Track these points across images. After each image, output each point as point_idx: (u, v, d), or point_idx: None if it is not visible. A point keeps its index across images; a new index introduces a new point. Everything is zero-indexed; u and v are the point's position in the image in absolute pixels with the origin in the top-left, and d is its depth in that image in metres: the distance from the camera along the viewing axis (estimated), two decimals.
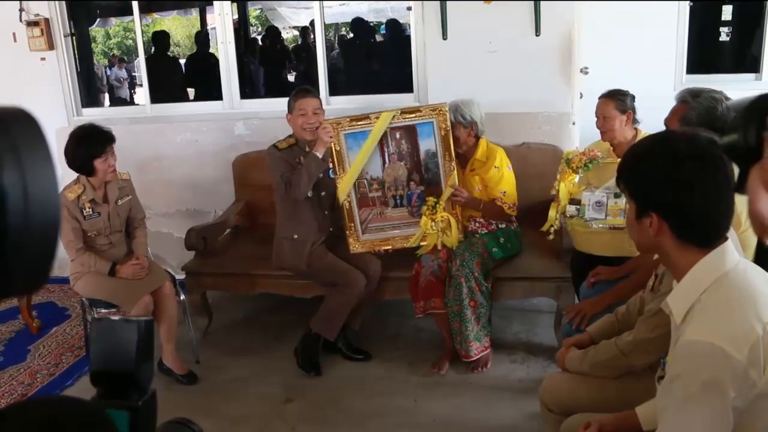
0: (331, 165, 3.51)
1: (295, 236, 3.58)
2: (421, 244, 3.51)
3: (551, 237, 3.31)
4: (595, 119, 3.34)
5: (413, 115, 3.47)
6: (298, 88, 3.67)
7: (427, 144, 3.49)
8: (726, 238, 1.50)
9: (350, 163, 3.53)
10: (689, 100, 2.56)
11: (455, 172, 3.45)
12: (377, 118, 3.47)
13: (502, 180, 3.53)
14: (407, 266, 3.56)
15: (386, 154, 3.55)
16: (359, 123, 3.49)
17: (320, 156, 3.43)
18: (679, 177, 1.45)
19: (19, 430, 0.70)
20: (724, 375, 1.33)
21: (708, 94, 2.54)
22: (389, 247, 3.60)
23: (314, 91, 3.64)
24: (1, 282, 0.64)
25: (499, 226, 3.58)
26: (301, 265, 3.57)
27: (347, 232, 3.59)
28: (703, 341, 1.36)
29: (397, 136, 3.52)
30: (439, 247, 3.44)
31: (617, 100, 3.24)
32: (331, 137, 3.42)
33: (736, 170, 1.61)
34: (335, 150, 3.48)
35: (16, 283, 0.65)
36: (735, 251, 1.51)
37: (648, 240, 1.55)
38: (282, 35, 9.42)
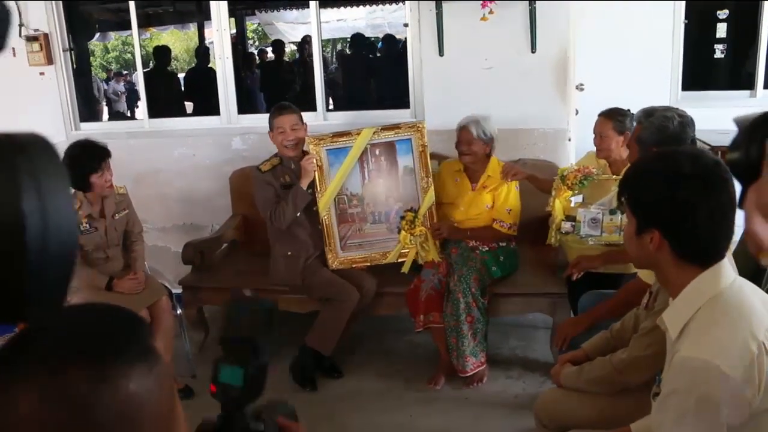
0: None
1: (289, 253, 3.61)
2: (399, 261, 3.59)
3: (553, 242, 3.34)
4: (593, 135, 3.37)
5: (392, 132, 3.62)
6: (276, 106, 3.71)
7: (405, 160, 3.63)
8: (723, 256, 1.51)
9: (331, 179, 3.60)
10: (642, 119, 2.60)
11: (432, 188, 3.59)
12: (358, 134, 3.60)
13: (509, 198, 3.58)
14: (403, 281, 3.57)
15: (366, 171, 3.67)
16: (340, 139, 3.62)
17: (305, 188, 3.52)
18: (681, 196, 1.46)
19: (41, 357, 0.74)
20: (719, 393, 1.34)
21: (660, 113, 2.58)
22: (368, 264, 3.65)
23: (291, 107, 3.66)
24: (18, 306, 0.65)
25: (500, 244, 3.61)
26: (296, 280, 3.59)
27: (326, 248, 3.63)
28: (699, 358, 1.37)
29: (377, 152, 3.65)
30: (420, 261, 3.53)
31: (616, 121, 3.26)
32: (314, 167, 3.53)
33: (739, 188, 1.62)
34: (317, 165, 3.57)
35: (33, 306, 0.66)
36: (731, 269, 1.52)
37: (646, 255, 1.56)
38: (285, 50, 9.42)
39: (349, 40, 9.27)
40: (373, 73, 7.43)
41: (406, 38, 4.45)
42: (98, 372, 0.73)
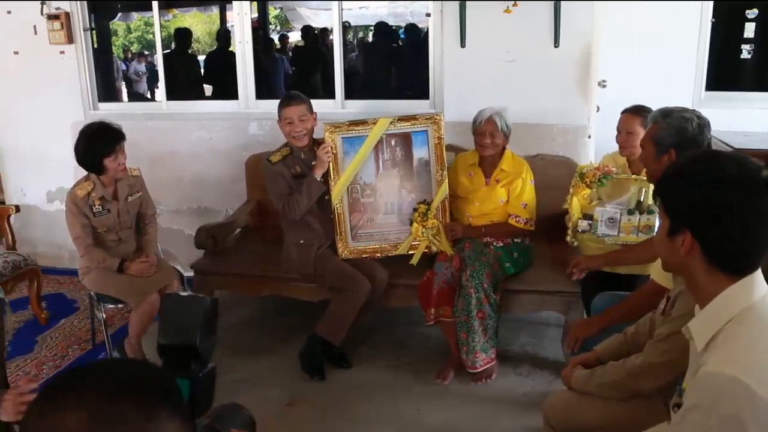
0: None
1: (301, 241, 3.60)
2: (410, 252, 3.60)
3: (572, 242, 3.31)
4: (617, 133, 3.32)
5: (409, 123, 3.60)
6: (284, 95, 3.68)
7: (420, 152, 3.62)
8: (757, 267, 1.45)
9: (345, 168, 3.59)
10: (660, 120, 2.54)
11: (446, 181, 3.58)
12: (374, 123, 3.58)
13: (524, 192, 3.55)
14: (415, 274, 3.54)
15: (380, 161, 3.65)
16: (357, 128, 3.60)
17: (319, 178, 3.51)
18: (720, 199, 1.40)
19: (96, 386, 0.81)
20: (746, 411, 1.27)
21: (678, 113, 2.52)
22: (378, 255, 3.64)
23: (300, 97, 3.60)
24: None
25: (515, 240, 3.57)
26: (308, 269, 3.58)
27: (337, 237, 3.62)
28: (727, 374, 1.30)
29: (392, 143, 3.63)
30: (434, 249, 3.53)
31: (644, 118, 3.20)
32: (330, 158, 3.51)
33: None
34: (332, 153, 3.56)
35: None
36: (764, 281, 1.45)
37: (676, 259, 1.50)
38: (323, 36, 9.25)
39: (371, 28, 9.18)
40: (394, 62, 7.37)
41: (428, 28, 4.41)
42: (149, 409, 0.80)
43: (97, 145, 3.36)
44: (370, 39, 9.82)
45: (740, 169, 1.41)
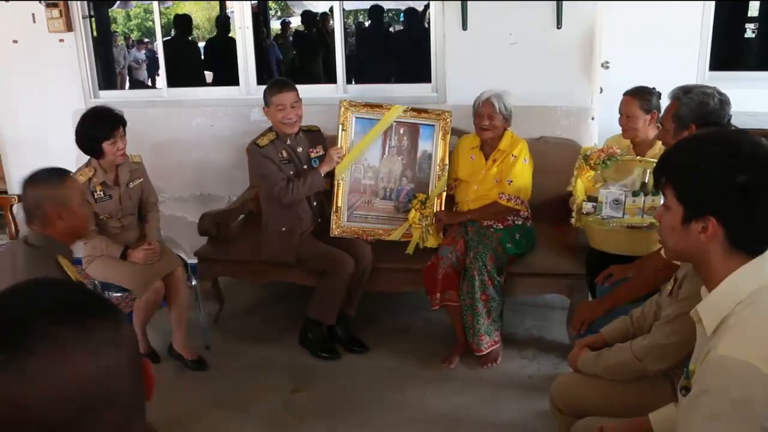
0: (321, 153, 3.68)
1: (284, 228, 3.60)
2: (401, 240, 3.64)
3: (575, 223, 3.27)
4: (618, 115, 3.30)
5: (420, 115, 3.70)
6: (274, 81, 3.67)
7: (425, 145, 3.71)
8: None
9: (353, 146, 3.67)
10: (681, 96, 2.53)
11: (446, 175, 3.66)
12: (389, 109, 3.66)
13: (513, 169, 3.52)
14: (417, 259, 3.53)
15: (387, 146, 3.72)
16: (372, 110, 3.69)
17: (323, 174, 3.56)
18: (745, 180, 1.34)
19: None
20: (758, 396, 1.26)
21: (699, 89, 2.53)
22: (369, 238, 3.68)
23: (291, 84, 3.60)
24: None
25: (516, 222, 3.55)
26: (290, 258, 3.60)
27: (333, 212, 3.65)
28: (738, 359, 1.28)
29: (401, 131, 3.71)
30: (421, 246, 3.57)
31: (642, 100, 3.18)
32: (339, 160, 3.59)
33: None
34: (343, 129, 3.64)
35: None
36: None
37: (692, 246, 1.44)
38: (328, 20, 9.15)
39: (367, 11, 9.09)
40: (395, 46, 7.32)
41: (429, 11, 4.37)
42: (117, 316, 0.85)
43: (97, 128, 3.36)
44: (367, 24, 9.72)
45: (757, 147, 1.37)
